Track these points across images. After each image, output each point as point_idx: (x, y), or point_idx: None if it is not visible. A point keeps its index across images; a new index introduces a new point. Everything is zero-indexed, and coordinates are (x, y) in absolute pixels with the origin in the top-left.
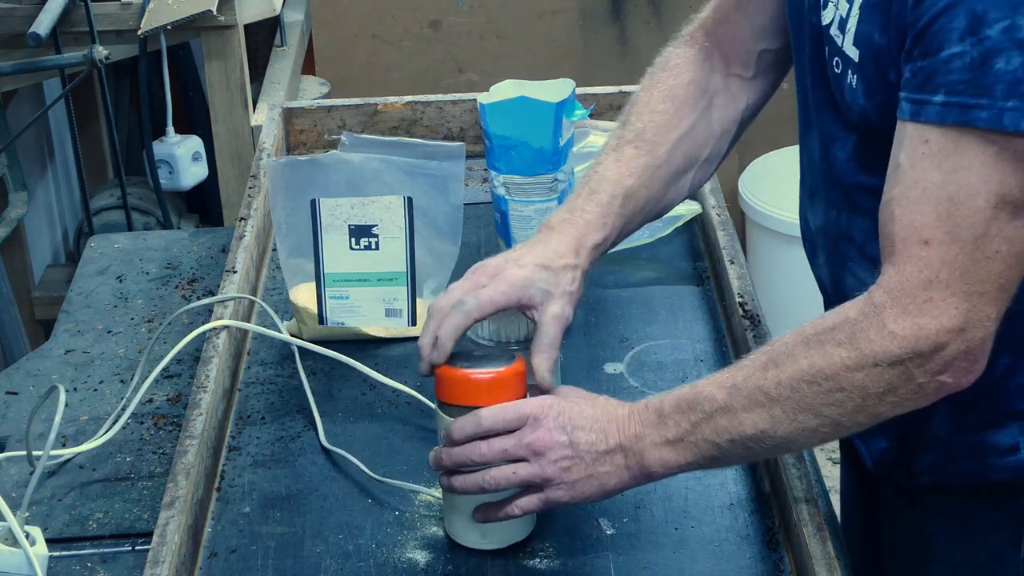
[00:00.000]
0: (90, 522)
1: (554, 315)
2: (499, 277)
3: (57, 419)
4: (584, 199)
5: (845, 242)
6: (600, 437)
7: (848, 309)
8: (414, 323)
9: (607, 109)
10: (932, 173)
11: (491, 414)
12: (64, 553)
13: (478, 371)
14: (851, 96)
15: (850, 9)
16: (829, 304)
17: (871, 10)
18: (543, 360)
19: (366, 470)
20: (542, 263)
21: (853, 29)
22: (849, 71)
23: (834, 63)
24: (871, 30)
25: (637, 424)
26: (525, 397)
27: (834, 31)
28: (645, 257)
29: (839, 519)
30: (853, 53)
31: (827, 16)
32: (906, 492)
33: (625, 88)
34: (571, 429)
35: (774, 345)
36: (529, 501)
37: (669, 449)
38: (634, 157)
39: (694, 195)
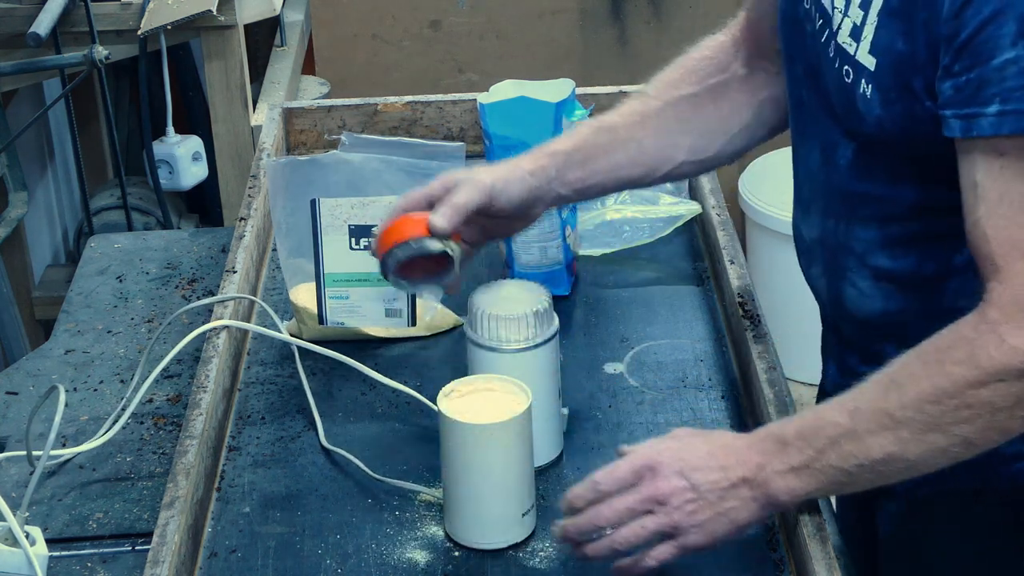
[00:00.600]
0: (90, 522)
1: (464, 178)
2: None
3: (57, 419)
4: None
5: (844, 252)
6: (721, 475)
7: (961, 327)
8: (414, 323)
9: (607, 109)
10: (1019, 185)
11: (605, 476)
12: (64, 553)
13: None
14: (864, 106)
15: (865, 17)
16: (826, 315)
17: (890, 17)
18: (440, 214)
19: (366, 470)
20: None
21: (870, 37)
22: (863, 80)
23: (843, 72)
24: (891, 37)
25: (757, 454)
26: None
27: (844, 39)
28: (645, 257)
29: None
30: (869, 62)
31: (833, 24)
32: (906, 500)
33: (625, 88)
34: (689, 471)
35: (892, 367)
36: (664, 550)
37: (794, 477)
38: (626, 105)
39: (694, 195)
